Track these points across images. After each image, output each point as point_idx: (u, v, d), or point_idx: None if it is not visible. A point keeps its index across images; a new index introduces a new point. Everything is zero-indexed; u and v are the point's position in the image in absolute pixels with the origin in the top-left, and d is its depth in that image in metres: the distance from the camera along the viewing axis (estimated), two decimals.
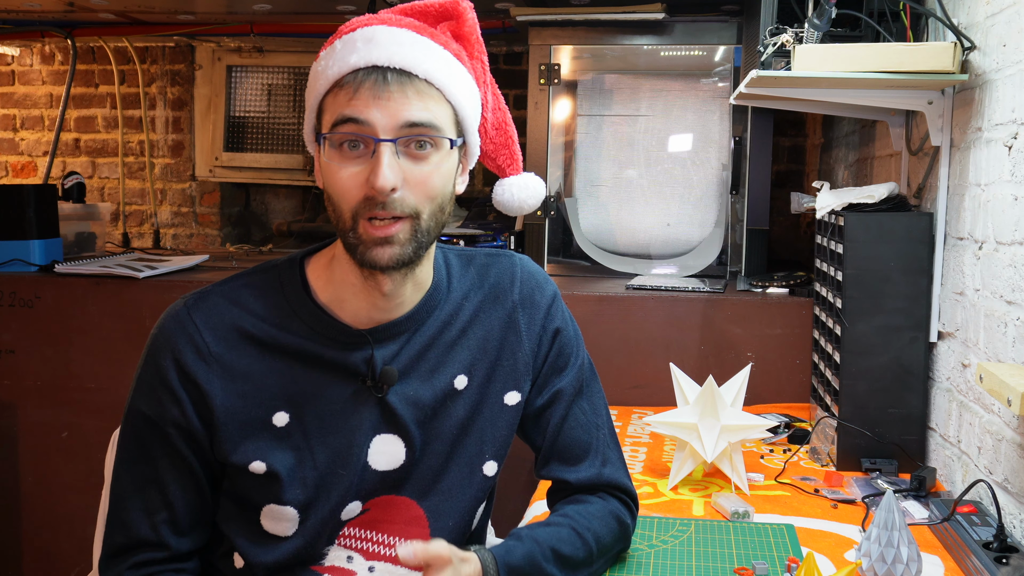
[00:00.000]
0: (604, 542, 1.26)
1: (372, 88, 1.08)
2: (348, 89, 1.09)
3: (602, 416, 1.34)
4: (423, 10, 1.18)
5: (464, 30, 1.19)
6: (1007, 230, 1.46)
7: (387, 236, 1.09)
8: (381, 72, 1.08)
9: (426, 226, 1.12)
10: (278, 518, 1.19)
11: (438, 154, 1.12)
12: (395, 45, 1.10)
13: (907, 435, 1.78)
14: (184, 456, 1.17)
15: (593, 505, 1.28)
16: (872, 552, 1.24)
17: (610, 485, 1.31)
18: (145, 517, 1.17)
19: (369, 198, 1.08)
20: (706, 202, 2.79)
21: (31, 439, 2.63)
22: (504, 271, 1.30)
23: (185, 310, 1.18)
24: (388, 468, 1.21)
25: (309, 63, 1.18)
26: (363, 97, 1.08)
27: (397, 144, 1.08)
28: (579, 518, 1.25)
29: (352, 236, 1.11)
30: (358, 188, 1.09)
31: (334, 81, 1.10)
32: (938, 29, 1.76)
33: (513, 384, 1.27)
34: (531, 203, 1.29)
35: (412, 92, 1.09)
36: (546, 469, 1.32)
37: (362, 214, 1.09)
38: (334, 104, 1.10)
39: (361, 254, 1.11)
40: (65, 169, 4.16)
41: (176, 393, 1.15)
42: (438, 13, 1.18)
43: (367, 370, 1.19)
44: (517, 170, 1.29)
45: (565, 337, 1.32)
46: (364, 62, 1.09)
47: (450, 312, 1.25)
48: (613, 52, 2.83)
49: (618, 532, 1.29)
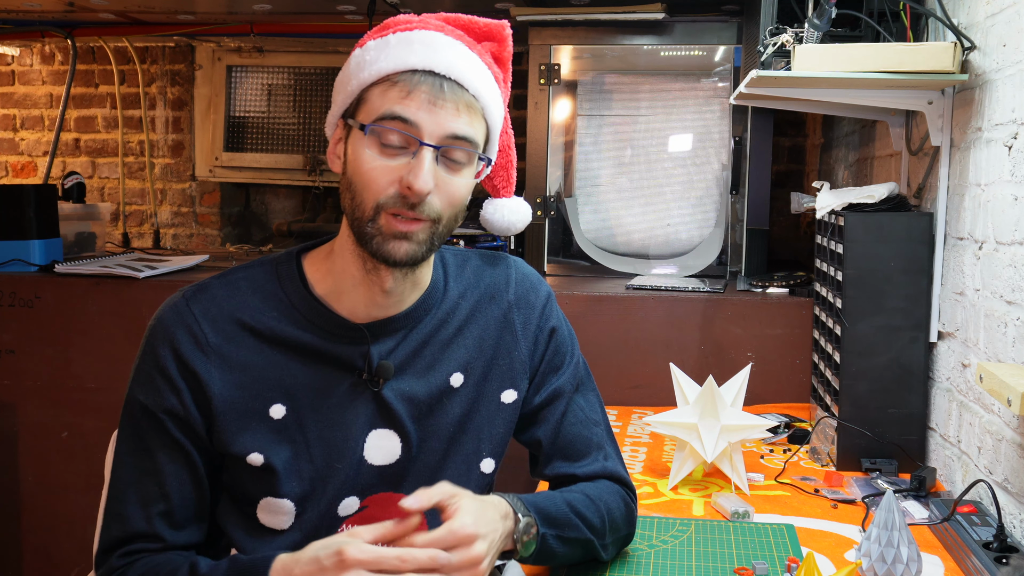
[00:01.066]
0: (615, 516, 1.29)
1: (428, 92, 1.11)
2: (402, 87, 1.11)
3: (599, 412, 1.37)
4: (467, 25, 1.22)
5: (504, 54, 1.25)
6: (1007, 230, 1.46)
7: (408, 232, 1.12)
8: (439, 79, 1.12)
9: (442, 231, 1.16)
10: (275, 511, 1.19)
11: (469, 168, 1.16)
12: (453, 55, 1.13)
13: (907, 435, 1.78)
14: (181, 445, 1.17)
15: (602, 484, 1.31)
16: (872, 552, 1.24)
17: (613, 477, 1.33)
18: (141, 509, 1.16)
19: (402, 196, 1.10)
20: (706, 202, 2.79)
21: (31, 439, 2.63)
22: (499, 272, 1.32)
23: (184, 301, 1.19)
24: (384, 463, 1.22)
25: (309, 63, 1.19)
26: (417, 99, 1.10)
27: (439, 152, 1.11)
28: (592, 490, 1.28)
29: (371, 227, 1.12)
30: (390, 183, 1.11)
31: (386, 75, 1.12)
32: (938, 29, 1.76)
33: (510, 383, 1.29)
34: (519, 226, 1.33)
35: (463, 105, 1.13)
36: (550, 467, 1.33)
37: (387, 208, 1.11)
38: (383, 98, 1.12)
39: (377, 245, 1.12)
40: (65, 169, 4.17)
41: (174, 382, 1.16)
42: (482, 32, 1.23)
43: (363, 364, 1.20)
44: (509, 193, 1.33)
45: (561, 336, 1.34)
46: (423, 65, 1.11)
47: (446, 311, 1.26)
48: (613, 52, 2.83)
49: (626, 513, 1.32)
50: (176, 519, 1.18)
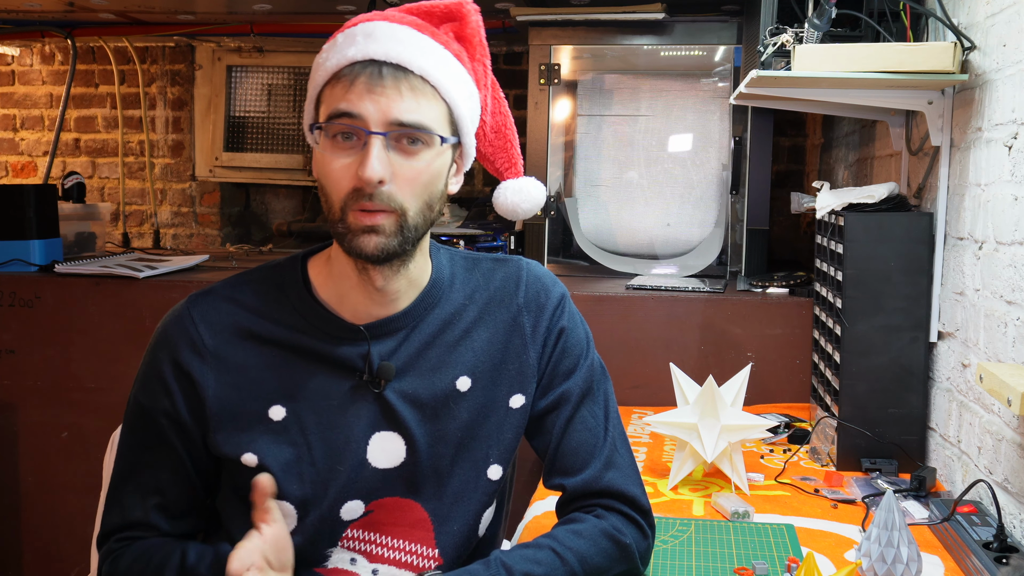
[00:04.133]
0: (592, 563, 1.17)
1: (367, 82, 1.10)
2: (345, 82, 1.11)
3: (611, 421, 1.28)
4: (428, 10, 1.20)
5: (467, 32, 1.20)
6: (1007, 230, 1.46)
7: (372, 225, 1.11)
8: (377, 66, 1.10)
9: (413, 222, 1.13)
10: None
11: (429, 151, 1.13)
12: (392, 41, 1.12)
13: (907, 435, 1.78)
14: (174, 446, 1.20)
15: (583, 524, 1.20)
16: (872, 552, 1.24)
17: (611, 492, 1.23)
18: (139, 500, 1.21)
19: (357, 189, 1.10)
20: (706, 202, 2.79)
21: (31, 439, 2.63)
22: (510, 275, 1.29)
23: (186, 307, 1.21)
24: (388, 466, 1.21)
25: (309, 63, 1.19)
26: (357, 90, 1.10)
27: (388, 138, 1.10)
28: (562, 537, 1.18)
29: (340, 226, 1.12)
30: (348, 179, 1.10)
31: (332, 73, 1.12)
32: (938, 29, 1.76)
33: (519, 387, 1.26)
34: (525, 207, 1.28)
35: (406, 88, 1.10)
36: (549, 479, 1.28)
37: (350, 205, 1.11)
38: (331, 96, 1.12)
39: (349, 242, 1.12)
40: (65, 169, 4.16)
41: (168, 385, 1.18)
42: (442, 14, 1.20)
43: (364, 365, 1.19)
44: (516, 174, 1.29)
45: (572, 337, 1.28)
46: (361, 55, 1.11)
47: (452, 312, 1.24)
48: (613, 52, 2.83)
49: (614, 553, 1.19)
50: (172, 511, 1.22)
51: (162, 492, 1.21)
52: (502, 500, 1.34)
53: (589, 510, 1.23)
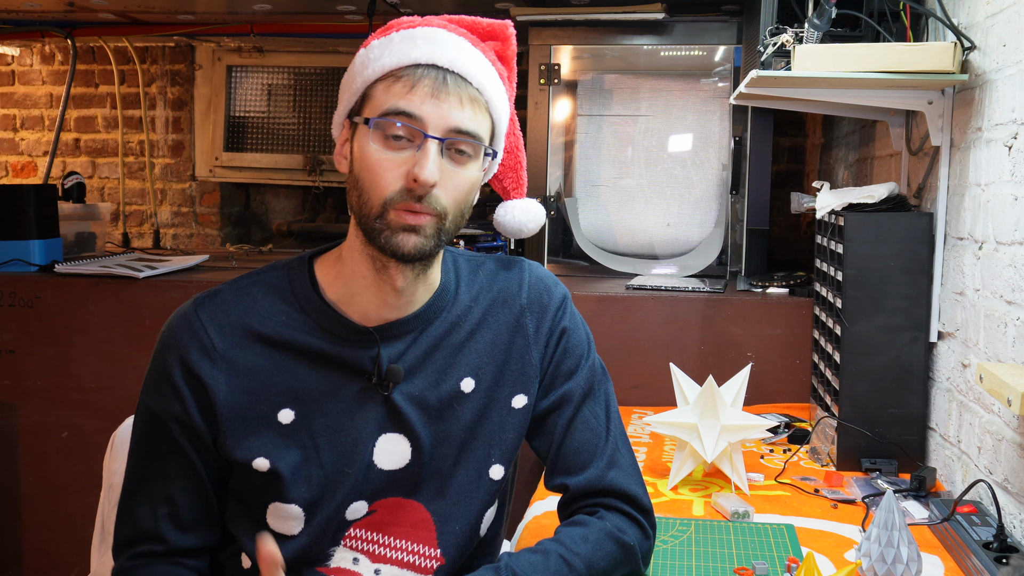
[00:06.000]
0: (598, 568, 1.18)
1: (431, 86, 1.11)
2: (406, 82, 1.12)
3: (612, 421, 1.30)
4: (471, 25, 1.23)
5: (507, 53, 1.24)
6: (1007, 230, 1.46)
7: (416, 225, 1.12)
8: (441, 72, 1.12)
9: (449, 227, 1.15)
10: (284, 517, 1.19)
11: (474, 162, 1.16)
12: (455, 50, 1.14)
13: (907, 435, 1.78)
14: (186, 452, 1.18)
15: (588, 527, 1.20)
16: (872, 552, 1.24)
17: (613, 491, 1.24)
18: (149, 510, 1.19)
19: (409, 190, 1.11)
20: (706, 202, 2.79)
21: (31, 439, 2.63)
22: (513, 276, 1.30)
23: (193, 308, 1.20)
24: (394, 468, 1.21)
25: (309, 63, 1.19)
26: (420, 93, 1.11)
27: (443, 144, 1.11)
28: (569, 542, 1.18)
29: (379, 222, 1.12)
30: (397, 178, 1.11)
31: (389, 70, 1.13)
32: (938, 29, 1.76)
33: (521, 388, 1.26)
34: (531, 227, 1.31)
35: (466, 98, 1.13)
36: (551, 479, 1.28)
37: (395, 203, 1.11)
38: (387, 93, 1.12)
39: (386, 239, 1.12)
40: (65, 169, 4.16)
41: (179, 389, 1.17)
42: (486, 32, 1.23)
43: (373, 368, 1.19)
44: (521, 194, 1.32)
45: (574, 338, 1.30)
46: (426, 59, 1.12)
47: (458, 315, 1.25)
48: (613, 52, 2.83)
49: (618, 555, 1.20)
50: (182, 521, 1.19)
51: (172, 502, 1.19)
52: (503, 500, 1.34)
53: (591, 510, 1.24)
